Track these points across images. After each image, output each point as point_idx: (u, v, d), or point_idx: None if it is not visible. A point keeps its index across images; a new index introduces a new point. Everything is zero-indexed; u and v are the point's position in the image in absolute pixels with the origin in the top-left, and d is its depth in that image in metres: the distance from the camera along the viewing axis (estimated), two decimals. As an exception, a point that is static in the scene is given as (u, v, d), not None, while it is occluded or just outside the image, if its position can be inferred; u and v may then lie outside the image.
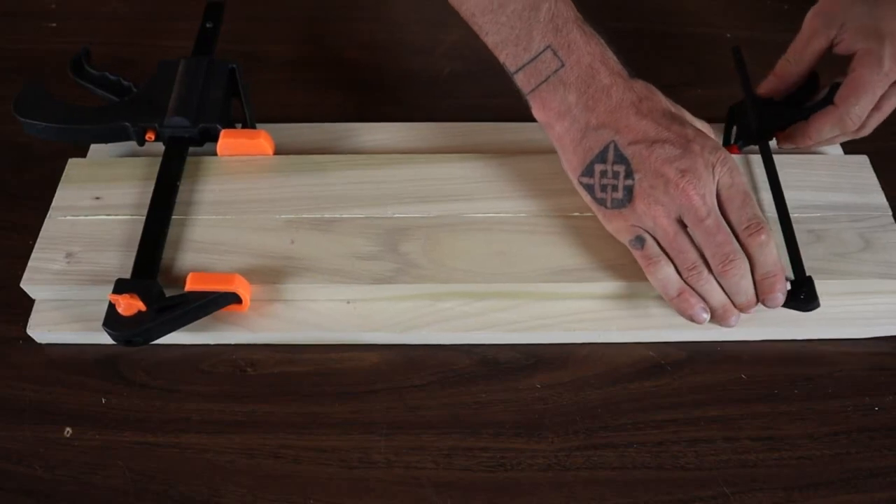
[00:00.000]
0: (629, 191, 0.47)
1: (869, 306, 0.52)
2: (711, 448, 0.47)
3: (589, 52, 0.47)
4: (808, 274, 0.50)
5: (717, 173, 0.47)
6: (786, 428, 0.48)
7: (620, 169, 0.47)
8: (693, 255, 0.47)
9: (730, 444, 0.47)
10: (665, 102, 0.49)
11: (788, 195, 0.54)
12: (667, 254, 0.48)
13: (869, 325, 0.52)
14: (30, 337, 0.51)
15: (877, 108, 0.53)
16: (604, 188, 0.48)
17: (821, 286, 0.49)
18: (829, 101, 0.55)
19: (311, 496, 0.45)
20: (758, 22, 0.74)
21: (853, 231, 0.53)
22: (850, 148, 0.59)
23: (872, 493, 0.46)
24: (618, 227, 0.49)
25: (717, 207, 0.47)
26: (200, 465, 0.46)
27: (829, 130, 0.55)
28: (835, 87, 0.55)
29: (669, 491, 0.46)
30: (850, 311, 0.52)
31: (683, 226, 0.47)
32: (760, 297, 0.48)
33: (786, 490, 0.46)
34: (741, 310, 0.49)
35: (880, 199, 0.56)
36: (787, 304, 0.49)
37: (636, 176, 0.47)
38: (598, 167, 0.48)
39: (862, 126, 0.54)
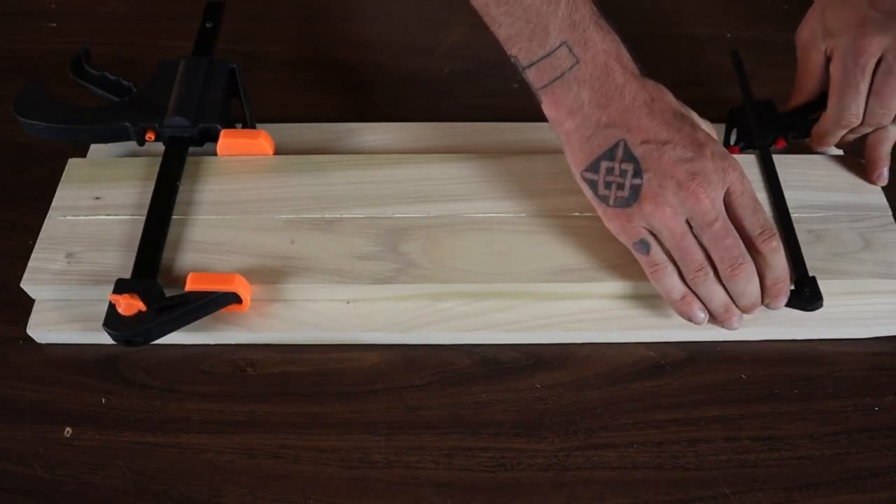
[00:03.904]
0: (636, 190, 0.47)
1: (869, 306, 0.52)
2: (711, 448, 0.47)
3: (605, 50, 0.47)
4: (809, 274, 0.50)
5: (728, 179, 0.47)
6: (786, 428, 0.48)
7: (629, 167, 0.47)
8: (700, 256, 0.47)
9: (730, 444, 0.47)
10: (675, 103, 0.49)
11: (788, 195, 0.54)
12: (670, 256, 0.48)
13: (869, 325, 0.52)
14: (30, 337, 0.51)
15: (876, 95, 0.52)
16: (608, 185, 0.48)
17: (821, 286, 0.50)
18: None
19: (311, 496, 0.45)
20: (758, 22, 0.74)
21: (853, 231, 0.53)
22: (849, 148, 0.59)
23: (872, 493, 0.46)
24: (620, 226, 0.49)
25: (724, 212, 0.47)
26: (200, 465, 0.46)
27: (834, 128, 0.55)
28: None
29: (669, 491, 0.46)
30: (850, 311, 0.52)
31: (689, 227, 0.47)
32: (766, 301, 0.49)
33: (786, 490, 0.46)
34: (744, 311, 0.49)
35: (880, 199, 0.56)
36: (790, 304, 0.49)
37: (645, 176, 0.47)
38: (605, 164, 0.48)
39: (881, 114, 0.53)
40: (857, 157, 0.58)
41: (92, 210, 0.54)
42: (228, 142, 0.56)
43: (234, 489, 0.45)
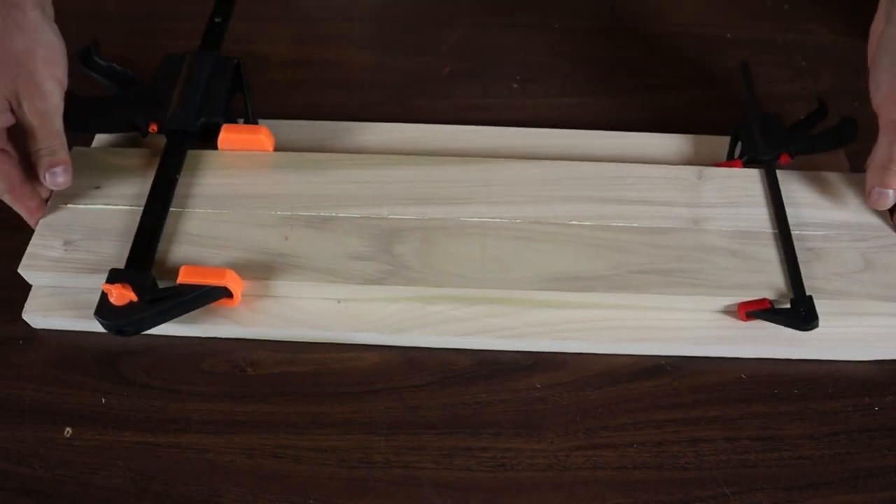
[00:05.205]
0: None
1: (867, 329, 0.51)
2: (711, 448, 0.47)
3: None
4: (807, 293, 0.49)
5: None
6: (786, 428, 0.48)
7: None
8: None
9: (730, 444, 0.47)
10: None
11: (790, 211, 0.53)
12: None
13: (865, 348, 0.50)
14: (30, 337, 0.51)
15: None
16: None
17: (818, 306, 0.48)
18: (837, 132, 0.56)
19: (311, 496, 0.45)
20: (758, 22, 0.74)
21: (855, 251, 0.52)
22: (855, 167, 0.58)
23: (872, 493, 0.46)
24: None
25: None
26: (200, 465, 0.46)
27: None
28: (844, 122, 0.56)
29: (669, 491, 0.46)
30: (847, 333, 0.50)
31: None
32: None
33: (786, 490, 0.46)
34: None
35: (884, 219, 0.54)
36: (785, 323, 0.49)
37: None
38: None
39: None
40: (864, 175, 0.56)
41: (92, 199, 0.54)
42: (229, 136, 0.56)
43: (234, 489, 0.45)
